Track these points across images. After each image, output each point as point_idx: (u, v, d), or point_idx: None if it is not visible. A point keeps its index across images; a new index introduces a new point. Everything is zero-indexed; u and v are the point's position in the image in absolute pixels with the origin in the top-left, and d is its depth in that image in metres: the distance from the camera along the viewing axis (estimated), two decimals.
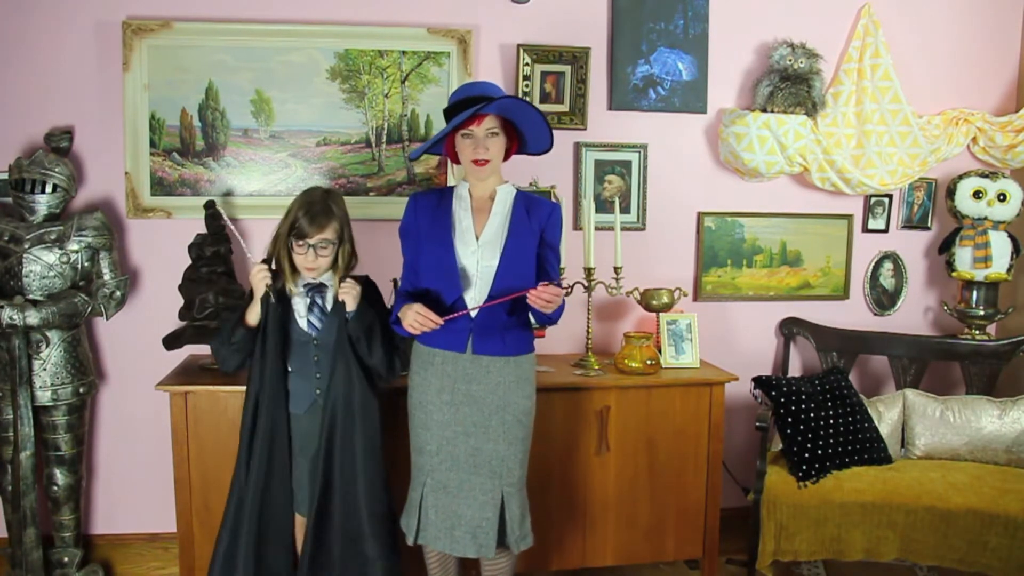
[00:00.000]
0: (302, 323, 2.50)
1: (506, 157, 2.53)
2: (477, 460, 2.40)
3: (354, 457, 2.50)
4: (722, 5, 3.47)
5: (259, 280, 2.42)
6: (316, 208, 2.43)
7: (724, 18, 3.48)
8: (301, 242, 2.41)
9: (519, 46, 3.30)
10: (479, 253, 2.42)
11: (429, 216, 2.49)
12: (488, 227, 2.45)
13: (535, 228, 2.45)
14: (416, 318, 2.30)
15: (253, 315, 2.47)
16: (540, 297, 2.22)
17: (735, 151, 3.39)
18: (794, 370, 3.72)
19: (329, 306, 2.50)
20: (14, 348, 2.84)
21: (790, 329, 3.68)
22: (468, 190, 2.52)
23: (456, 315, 2.35)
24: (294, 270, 2.48)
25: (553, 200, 3.26)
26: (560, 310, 2.37)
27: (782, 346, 3.72)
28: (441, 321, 2.31)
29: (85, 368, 3.02)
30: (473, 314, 2.39)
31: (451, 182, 3.27)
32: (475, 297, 2.40)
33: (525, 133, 2.49)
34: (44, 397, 2.91)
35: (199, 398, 2.84)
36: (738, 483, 3.59)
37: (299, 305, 2.51)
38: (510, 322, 2.41)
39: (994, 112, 3.69)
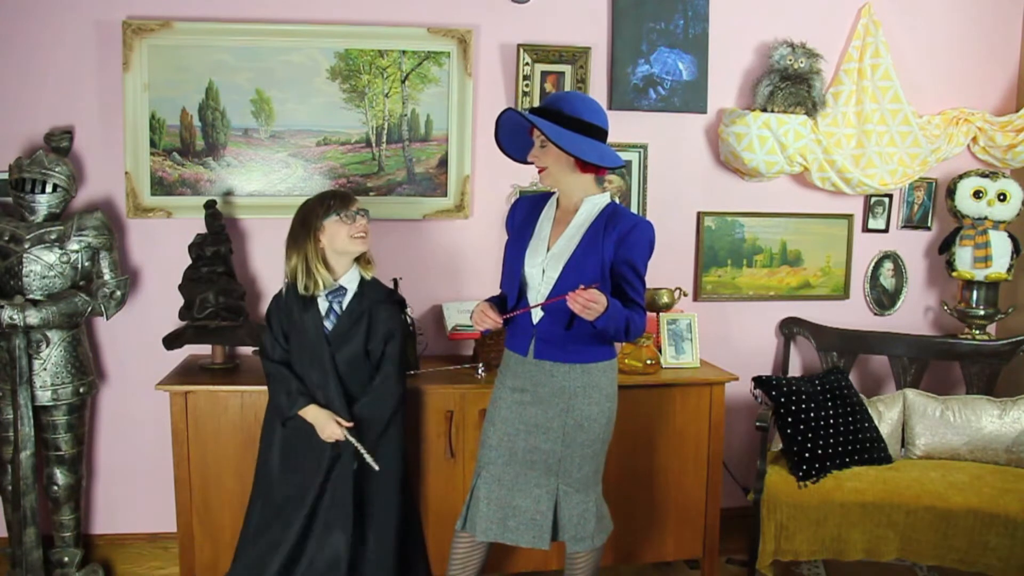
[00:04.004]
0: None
1: (598, 172, 2.47)
2: (534, 457, 2.44)
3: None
4: (722, 5, 3.47)
5: (333, 437, 2.53)
6: (336, 189, 2.62)
7: (724, 18, 3.47)
8: (346, 213, 2.50)
9: (519, 46, 3.30)
10: (545, 263, 2.43)
11: (521, 220, 2.55)
12: (561, 239, 2.44)
13: (609, 243, 2.36)
14: (478, 315, 2.38)
15: (319, 426, 2.54)
16: (576, 301, 2.18)
17: (735, 151, 3.39)
18: (794, 370, 3.72)
19: (345, 306, 2.56)
20: (14, 348, 2.84)
21: (790, 329, 3.68)
22: (557, 199, 2.54)
23: (510, 315, 2.40)
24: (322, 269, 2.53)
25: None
26: (613, 321, 2.23)
27: (782, 346, 3.72)
28: (500, 321, 2.35)
29: (85, 368, 3.02)
30: (535, 316, 2.42)
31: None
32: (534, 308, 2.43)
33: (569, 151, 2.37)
34: (44, 397, 2.91)
35: (199, 398, 2.84)
36: (738, 483, 3.59)
37: (323, 307, 2.56)
38: (570, 335, 2.39)
39: (994, 112, 3.69)
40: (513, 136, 2.50)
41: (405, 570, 2.68)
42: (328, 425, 2.50)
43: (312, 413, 2.52)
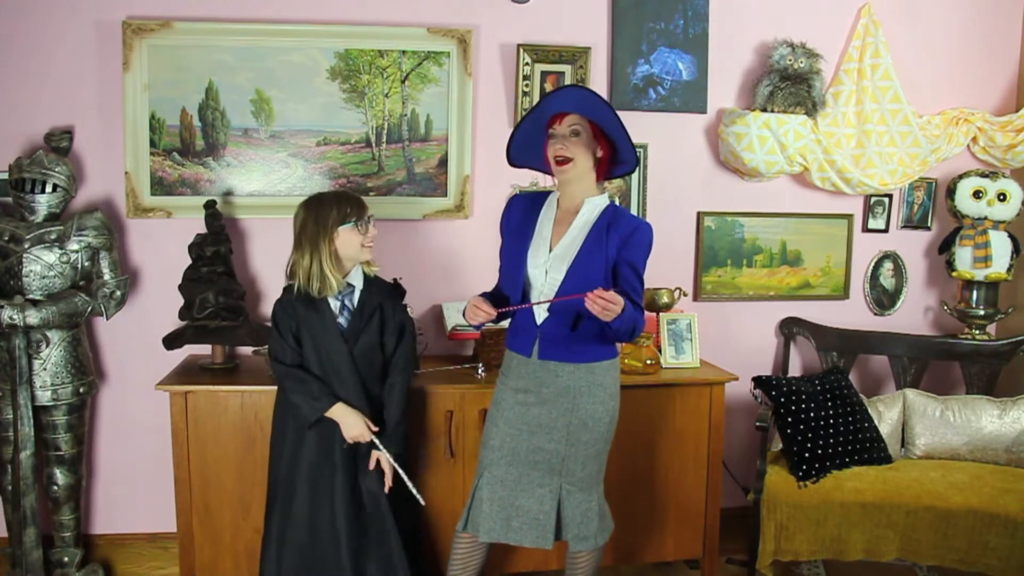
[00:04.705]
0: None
1: (603, 176, 2.48)
2: (537, 457, 2.43)
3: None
4: (722, 5, 3.47)
5: (361, 438, 2.54)
6: (348, 192, 2.64)
7: (724, 18, 3.47)
8: (361, 221, 2.51)
9: (519, 46, 3.30)
10: (548, 264, 2.41)
11: (519, 219, 2.52)
12: (564, 239, 2.42)
13: (612, 244, 2.36)
14: (470, 309, 2.36)
15: (345, 428, 2.53)
16: (595, 302, 2.15)
17: (735, 151, 3.39)
18: (794, 370, 3.72)
19: (355, 304, 2.58)
20: (14, 348, 2.84)
21: (790, 329, 3.68)
22: (558, 199, 2.51)
23: (509, 309, 2.38)
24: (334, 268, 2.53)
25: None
26: (626, 323, 2.24)
27: (782, 346, 3.72)
28: (494, 313, 2.33)
29: (85, 368, 3.02)
30: (539, 316, 2.40)
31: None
32: (537, 307, 2.41)
33: (616, 141, 2.39)
34: (44, 397, 2.91)
35: (199, 398, 2.84)
36: (738, 483, 3.59)
37: (335, 305, 2.57)
38: (575, 335, 2.38)
39: (994, 112, 3.69)
40: (528, 133, 2.47)
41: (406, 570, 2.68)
42: (357, 425, 2.51)
43: (340, 411, 2.51)
